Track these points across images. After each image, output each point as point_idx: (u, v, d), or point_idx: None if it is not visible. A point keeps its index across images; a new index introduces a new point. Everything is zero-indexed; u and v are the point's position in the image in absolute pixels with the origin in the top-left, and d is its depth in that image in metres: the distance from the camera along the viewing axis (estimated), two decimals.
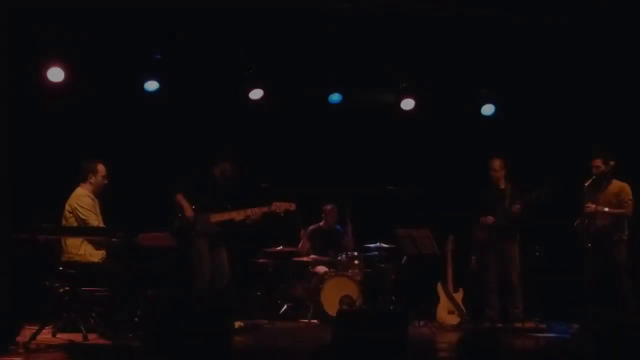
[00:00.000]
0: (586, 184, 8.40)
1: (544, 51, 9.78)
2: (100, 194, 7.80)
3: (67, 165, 9.71)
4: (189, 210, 8.69)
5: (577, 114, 10.82)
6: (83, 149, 9.59)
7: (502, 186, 9.42)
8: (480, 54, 9.93)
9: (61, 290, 7.75)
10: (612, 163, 8.34)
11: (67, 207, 7.58)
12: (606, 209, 8.31)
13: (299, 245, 10.76)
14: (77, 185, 7.77)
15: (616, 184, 8.47)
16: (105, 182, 7.82)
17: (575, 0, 8.51)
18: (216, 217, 8.75)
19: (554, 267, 9.96)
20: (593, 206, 8.28)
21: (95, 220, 7.53)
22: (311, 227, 10.85)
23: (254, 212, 8.82)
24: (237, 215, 8.81)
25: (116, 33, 9.25)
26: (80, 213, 7.46)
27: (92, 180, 7.71)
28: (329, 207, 10.85)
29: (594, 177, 8.42)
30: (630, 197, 8.40)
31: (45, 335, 7.09)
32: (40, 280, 7.95)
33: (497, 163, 9.43)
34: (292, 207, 9.05)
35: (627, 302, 8.23)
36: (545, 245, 10.09)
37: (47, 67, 9.23)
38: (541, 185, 9.04)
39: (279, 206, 8.97)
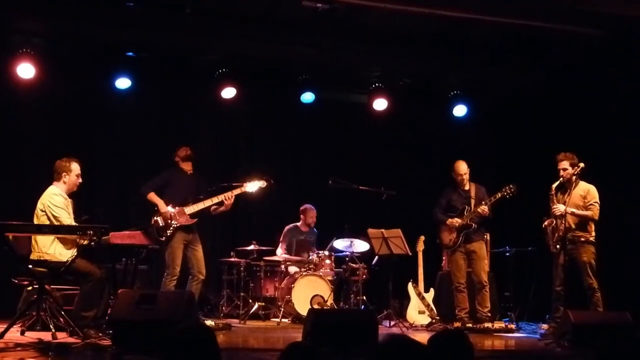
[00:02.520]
0: (553, 186, 8.46)
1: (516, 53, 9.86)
2: (73, 193, 7.74)
3: (37, 162, 9.67)
4: (163, 206, 8.75)
5: (546, 116, 10.94)
6: (53, 146, 9.56)
7: (467, 187, 9.47)
8: (454, 56, 9.99)
9: (30, 288, 7.70)
10: (581, 165, 8.42)
11: (39, 205, 7.50)
12: (574, 211, 8.38)
13: (278, 250, 10.74)
14: (49, 183, 7.69)
15: (582, 186, 8.53)
16: (80, 181, 7.77)
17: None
18: (191, 209, 8.78)
19: (523, 268, 10.03)
20: (562, 208, 8.35)
21: (67, 218, 7.47)
22: (287, 227, 10.85)
23: (227, 195, 8.87)
24: (211, 202, 8.86)
25: (88, 30, 9.18)
26: (53, 211, 7.40)
27: (66, 179, 7.64)
28: (306, 207, 10.85)
29: (561, 179, 8.48)
30: (597, 200, 8.46)
31: (14, 333, 7.02)
32: (9, 278, 7.90)
33: (461, 166, 9.47)
34: (263, 184, 9.13)
35: (593, 302, 8.31)
36: (515, 245, 10.16)
37: (18, 64, 9.13)
38: (504, 185, 9.12)
39: (252, 186, 9.05)
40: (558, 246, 8.44)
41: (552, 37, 9.29)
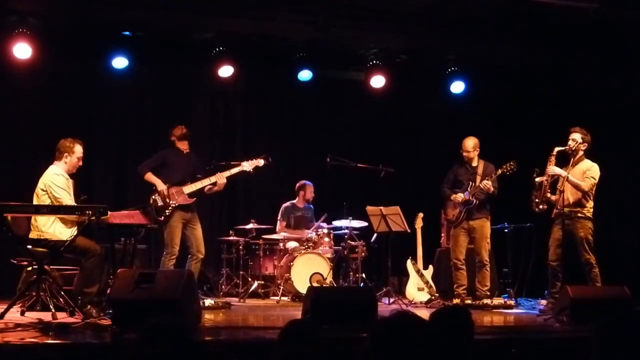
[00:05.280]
0: (556, 149, 8.44)
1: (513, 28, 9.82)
2: (71, 173, 7.74)
3: (34, 142, 9.65)
4: (160, 185, 8.74)
5: (543, 92, 10.92)
6: (50, 127, 9.54)
7: (474, 164, 9.42)
8: (451, 32, 9.95)
9: (29, 268, 7.71)
10: (588, 138, 8.43)
11: (40, 184, 7.50)
12: (569, 176, 8.36)
13: (277, 229, 10.72)
14: (47, 163, 7.68)
15: (587, 163, 8.52)
16: (80, 164, 7.77)
17: None
18: (189, 188, 8.78)
19: (521, 244, 10.03)
20: (557, 170, 8.39)
21: (69, 199, 7.49)
22: (285, 204, 10.84)
23: (222, 176, 8.87)
24: (209, 181, 8.85)
25: (84, 9, 9.12)
26: (54, 192, 7.40)
27: (67, 159, 7.64)
28: (304, 183, 10.84)
29: (567, 147, 8.46)
30: (594, 176, 8.44)
31: (14, 314, 7.04)
32: (8, 259, 7.90)
33: (470, 142, 9.41)
34: (260, 162, 9.15)
35: (591, 278, 8.34)
36: (513, 221, 10.16)
37: (14, 44, 9.07)
38: (506, 162, 9.10)
39: (249, 164, 9.06)
40: (541, 206, 8.51)
41: (550, 12, 9.23)
